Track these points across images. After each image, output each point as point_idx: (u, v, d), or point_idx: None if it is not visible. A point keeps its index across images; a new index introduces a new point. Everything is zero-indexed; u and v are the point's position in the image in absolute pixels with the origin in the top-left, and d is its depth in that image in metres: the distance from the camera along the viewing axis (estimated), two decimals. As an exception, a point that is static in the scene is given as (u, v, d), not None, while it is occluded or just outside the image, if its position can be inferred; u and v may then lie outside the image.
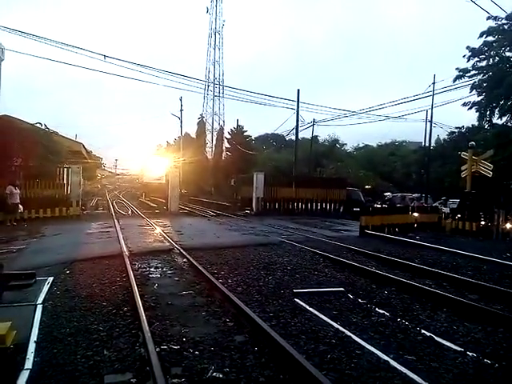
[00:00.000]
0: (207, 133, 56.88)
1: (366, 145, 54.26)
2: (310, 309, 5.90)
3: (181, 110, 43.23)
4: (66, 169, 20.76)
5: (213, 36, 56.21)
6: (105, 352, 4.30)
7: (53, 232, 13.52)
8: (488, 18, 24.09)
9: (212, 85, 54.08)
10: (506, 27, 24.02)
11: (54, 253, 9.68)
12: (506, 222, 14.83)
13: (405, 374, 3.96)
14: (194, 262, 8.53)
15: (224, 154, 54.76)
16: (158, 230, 14.21)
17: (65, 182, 20.07)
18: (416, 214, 17.12)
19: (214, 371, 3.92)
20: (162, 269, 8.33)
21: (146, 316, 5.07)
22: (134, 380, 3.73)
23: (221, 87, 52.53)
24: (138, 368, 3.93)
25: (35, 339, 4.52)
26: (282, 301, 6.21)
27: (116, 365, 4.02)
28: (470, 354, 4.52)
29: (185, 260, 9.07)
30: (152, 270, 8.24)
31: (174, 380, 3.71)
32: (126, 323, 5.13)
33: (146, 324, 4.77)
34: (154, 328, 4.90)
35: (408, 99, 26.69)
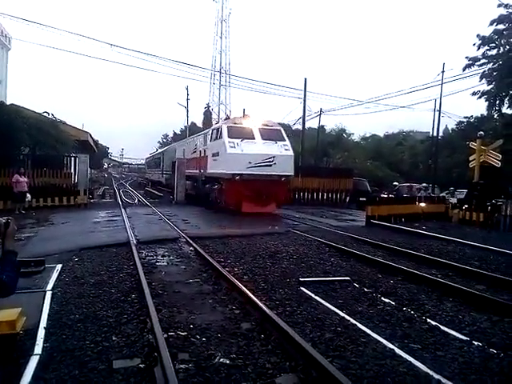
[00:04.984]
0: (214, 122, 56.76)
1: (374, 134, 53.83)
2: (316, 297, 5.94)
3: (187, 100, 43.20)
4: (73, 158, 20.89)
5: (219, 25, 55.83)
6: (113, 338, 4.37)
7: (61, 220, 13.64)
8: (499, 6, 23.68)
9: (218, 74, 53.81)
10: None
11: (63, 241, 9.78)
12: (514, 213, 14.70)
13: (410, 362, 3.99)
14: (200, 250, 8.58)
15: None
16: (164, 218, 14.28)
17: (72, 171, 20.20)
18: (423, 204, 17.04)
19: (220, 357, 3.97)
20: (169, 257, 8.40)
21: (153, 303, 5.13)
22: (142, 365, 3.79)
23: (227, 76, 52.24)
24: (146, 354, 3.99)
25: (44, 325, 4.58)
26: (288, 289, 6.25)
27: (124, 350, 4.08)
28: (476, 343, 4.53)
29: (191, 248, 9.13)
30: (159, 258, 8.31)
31: (181, 365, 3.76)
32: (134, 310, 5.20)
33: (154, 310, 4.83)
34: (161, 315, 4.95)
35: (416, 88, 26.40)
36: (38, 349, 4.04)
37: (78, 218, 14.53)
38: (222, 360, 3.91)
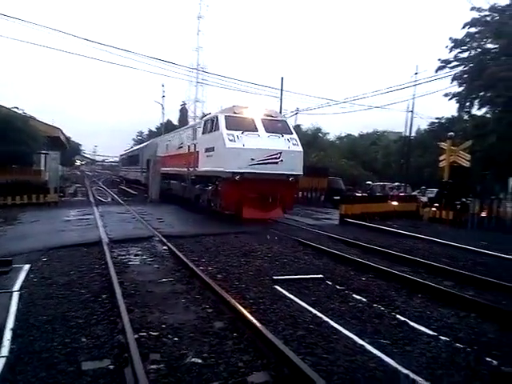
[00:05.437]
0: (190, 120, 56.40)
1: (349, 134, 54.58)
2: (290, 295, 5.98)
3: (163, 97, 42.67)
4: (43, 155, 20.32)
5: (196, 21, 55.36)
6: (82, 339, 4.29)
7: (30, 219, 13.24)
8: (472, 9, 24.34)
9: (195, 71, 53.40)
10: (488, 19, 24.28)
11: (31, 240, 9.51)
12: (481, 211, 15.21)
13: (379, 357, 4.07)
14: (174, 249, 8.50)
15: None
16: (138, 217, 14.08)
17: (42, 168, 19.66)
18: (395, 203, 17.41)
19: (192, 356, 3.95)
20: (142, 256, 8.29)
21: (124, 303, 5.05)
22: (111, 366, 3.74)
23: (205, 74, 51.89)
24: (117, 355, 3.94)
25: (11, 326, 4.46)
26: (261, 288, 6.27)
27: (94, 352, 4.02)
28: (443, 338, 4.67)
29: (165, 247, 9.03)
30: (132, 257, 8.19)
31: (152, 366, 3.72)
32: (105, 310, 5.11)
33: (125, 310, 4.76)
34: (133, 315, 4.89)
35: (391, 89, 26.91)
36: (5, 350, 3.93)
37: (48, 216, 14.13)
38: (193, 359, 3.88)
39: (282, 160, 13.07)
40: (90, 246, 8.94)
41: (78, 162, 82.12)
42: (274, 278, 6.78)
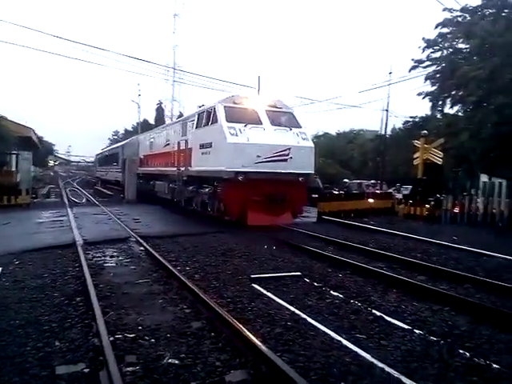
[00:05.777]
0: (166, 119, 55.84)
1: (326, 133, 55.22)
2: (267, 293, 5.99)
3: (139, 96, 42.14)
4: (14, 155, 19.76)
5: (172, 19, 54.84)
6: (56, 343, 4.20)
7: (1, 221, 12.84)
8: (444, 10, 24.90)
9: (171, 70, 52.83)
10: (459, 19, 24.89)
11: (2, 243, 9.21)
12: (454, 207, 15.62)
13: (355, 352, 4.13)
14: (151, 250, 8.41)
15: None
16: (114, 218, 13.85)
17: (14, 168, 19.11)
18: (371, 200, 17.69)
19: (169, 357, 3.92)
20: (118, 257, 8.16)
21: (99, 305, 4.97)
22: (86, 370, 3.68)
23: (181, 72, 51.43)
24: (91, 358, 3.87)
25: (-18, 332, 4.32)
26: (239, 286, 6.26)
27: (68, 355, 3.94)
28: (417, 331, 4.76)
29: (142, 248, 8.92)
30: (107, 259, 8.05)
31: (128, 368, 3.67)
32: (79, 313, 5.02)
33: (100, 313, 4.68)
34: (108, 317, 4.81)
35: (367, 88, 27.28)
36: (-24, 357, 3.80)
37: (20, 218, 13.75)
38: (170, 360, 3.85)
39: (291, 157, 11.67)
40: (63, 248, 8.75)
41: (52, 163, 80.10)
42: (252, 276, 6.78)
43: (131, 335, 4.40)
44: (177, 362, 3.84)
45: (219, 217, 12.46)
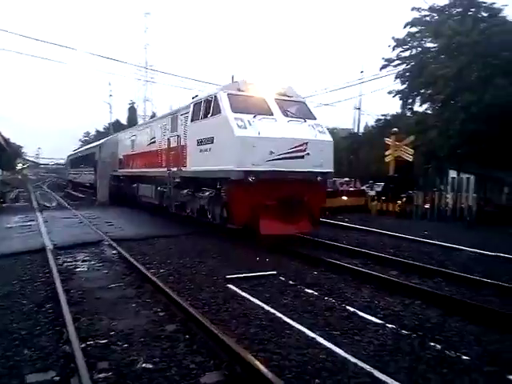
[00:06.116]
0: (139, 119, 54.95)
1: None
2: (243, 293, 5.99)
3: (110, 96, 41.33)
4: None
5: (143, 18, 54.05)
6: (26, 351, 4.09)
7: (-34, 228, 12.37)
8: (412, 9, 25.41)
9: (143, 69, 52.02)
10: (428, 18, 25.45)
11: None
12: (424, 203, 16.04)
13: (330, 348, 4.18)
14: (124, 253, 8.26)
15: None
16: (86, 221, 13.54)
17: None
18: (345, 198, 17.95)
19: (143, 362, 3.87)
20: (90, 262, 7.98)
21: (70, 311, 4.85)
22: (57, 378, 3.60)
23: (154, 72, 50.66)
24: (62, 365, 3.80)
25: None
26: (214, 287, 6.24)
27: (38, 364, 3.85)
28: (390, 325, 4.87)
29: (115, 252, 8.75)
30: (79, 263, 7.85)
31: (100, 375, 3.60)
32: (49, 320, 4.90)
33: (71, 319, 4.58)
34: (79, 323, 4.72)
35: (340, 87, 27.58)
36: None
37: (-13, 224, 13.26)
38: (144, 365, 3.80)
39: (308, 153, 9.94)
40: (33, 253, 8.49)
41: (20, 166, 77.58)
42: (227, 277, 6.76)
43: (103, 341, 4.32)
44: (150, 366, 3.79)
45: (221, 225, 10.68)
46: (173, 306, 5.23)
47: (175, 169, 12.61)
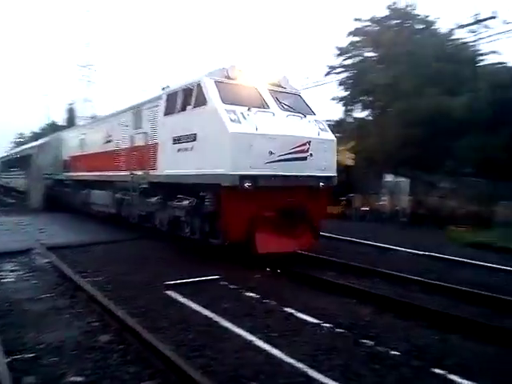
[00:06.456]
0: (78, 121, 52.53)
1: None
2: (182, 299, 5.90)
3: (45, 95, 39.13)
4: None
5: (83, 15, 51.88)
6: None
7: None
8: (355, 20, 26.53)
9: (83, 69, 49.87)
10: (368, 29, 26.68)
11: None
12: (363, 206, 16.75)
13: (267, 350, 4.23)
14: (56, 261, 7.83)
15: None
16: (16, 228, 12.67)
17: None
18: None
19: (73, 375, 3.69)
20: (19, 272, 7.49)
21: (-6, 325, 4.52)
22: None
23: (93, 72, 48.75)
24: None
25: None
26: (153, 295, 6.10)
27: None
28: (326, 325, 5.01)
29: (46, 260, 8.26)
30: (5, 274, 7.34)
31: (24, 391, 3.38)
32: (-29, 336, 4.51)
33: (-6, 334, 4.25)
34: (4, 337, 4.42)
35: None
36: None
37: None
38: (73, 378, 3.62)
39: (310, 154, 8.46)
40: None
41: None
42: (167, 283, 6.59)
43: (30, 355, 4.08)
44: (80, 379, 3.62)
45: (201, 240, 8.94)
46: (107, 315, 5.03)
47: (141, 172, 10.80)
